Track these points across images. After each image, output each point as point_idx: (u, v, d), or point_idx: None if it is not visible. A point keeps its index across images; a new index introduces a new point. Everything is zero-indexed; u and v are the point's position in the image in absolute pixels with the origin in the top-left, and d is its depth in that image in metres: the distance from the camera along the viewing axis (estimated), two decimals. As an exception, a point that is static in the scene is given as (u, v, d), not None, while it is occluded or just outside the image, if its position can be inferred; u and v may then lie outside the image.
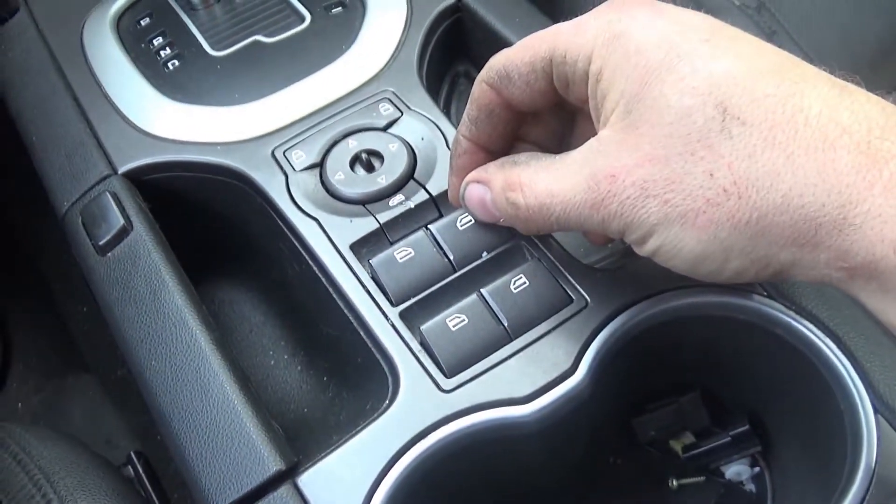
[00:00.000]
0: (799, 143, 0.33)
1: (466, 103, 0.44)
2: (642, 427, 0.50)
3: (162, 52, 0.59)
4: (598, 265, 0.47)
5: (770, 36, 0.67)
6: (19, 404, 0.82)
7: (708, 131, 0.34)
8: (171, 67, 0.58)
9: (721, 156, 0.34)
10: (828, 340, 0.43)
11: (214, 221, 0.55)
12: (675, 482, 0.50)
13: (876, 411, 0.41)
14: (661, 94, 0.35)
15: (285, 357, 0.54)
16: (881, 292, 0.33)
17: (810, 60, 0.36)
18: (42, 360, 0.85)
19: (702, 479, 0.50)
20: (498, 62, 0.41)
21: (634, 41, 0.36)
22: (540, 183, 0.40)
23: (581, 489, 0.50)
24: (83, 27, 0.61)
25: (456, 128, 0.51)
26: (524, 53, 0.40)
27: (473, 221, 0.46)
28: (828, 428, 0.44)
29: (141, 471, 0.57)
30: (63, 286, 0.75)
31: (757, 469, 0.49)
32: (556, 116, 0.44)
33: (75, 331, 0.75)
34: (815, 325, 0.44)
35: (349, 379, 0.50)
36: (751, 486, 0.49)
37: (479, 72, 0.43)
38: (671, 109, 0.35)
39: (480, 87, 0.42)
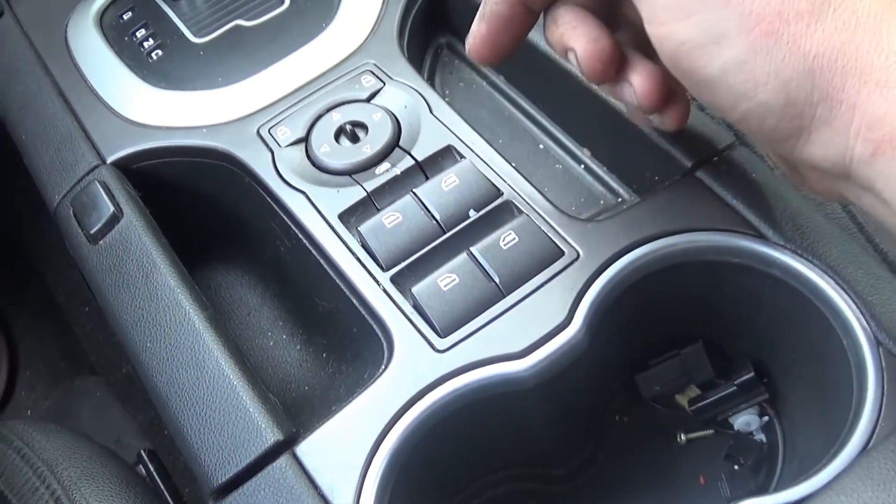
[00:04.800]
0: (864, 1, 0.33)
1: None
2: (646, 382, 0.49)
3: (145, 44, 0.59)
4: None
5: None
6: (28, 411, 0.83)
7: None
8: (154, 57, 0.58)
9: None
10: (825, 276, 0.42)
11: (205, 206, 0.55)
12: (683, 437, 0.49)
13: (879, 344, 0.41)
14: None
15: (284, 337, 0.54)
16: None
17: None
18: (49, 365, 0.85)
19: (710, 431, 0.49)
20: None
21: None
22: None
23: (589, 449, 0.49)
24: (67, 26, 0.61)
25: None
26: None
27: (458, 182, 0.46)
28: (833, 366, 0.43)
29: (152, 469, 0.57)
30: (64, 289, 0.75)
31: (766, 418, 0.48)
32: None
33: (79, 332, 0.75)
34: (812, 262, 0.43)
35: (347, 352, 0.50)
36: (761, 436, 0.48)
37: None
38: None
39: None
